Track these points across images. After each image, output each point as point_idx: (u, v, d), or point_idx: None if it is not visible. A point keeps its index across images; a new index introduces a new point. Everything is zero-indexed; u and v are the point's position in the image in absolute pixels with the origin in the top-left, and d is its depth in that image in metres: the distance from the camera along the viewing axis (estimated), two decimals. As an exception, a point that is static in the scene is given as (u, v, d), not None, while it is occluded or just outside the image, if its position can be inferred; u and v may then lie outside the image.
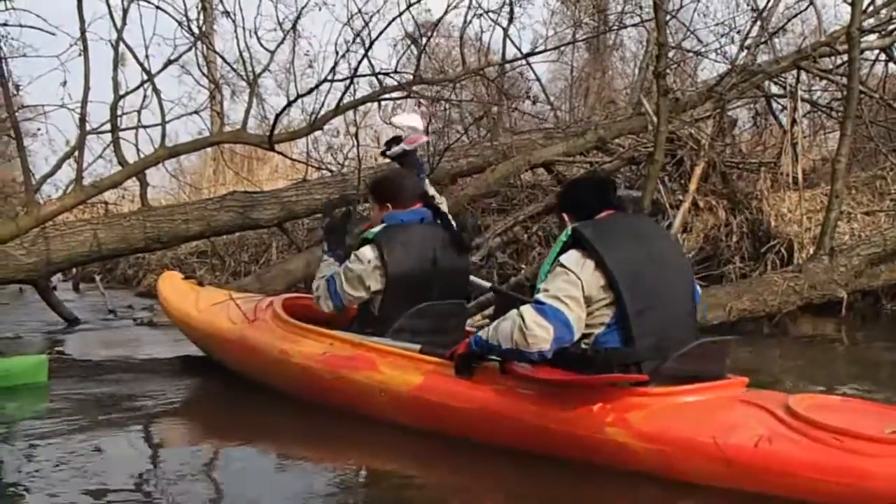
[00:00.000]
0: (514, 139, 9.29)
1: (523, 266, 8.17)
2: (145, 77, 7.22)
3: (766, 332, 6.53)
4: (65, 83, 7.38)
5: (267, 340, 4.38)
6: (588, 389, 3.14)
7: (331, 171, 9.28)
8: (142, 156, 7.21)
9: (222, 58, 9.83)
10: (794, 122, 7.94)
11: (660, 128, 6.72)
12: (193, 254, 11.34)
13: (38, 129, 10.08)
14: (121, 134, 7.00)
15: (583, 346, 3.19)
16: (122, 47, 7.15)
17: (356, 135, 9.17)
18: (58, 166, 7.30)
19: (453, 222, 4.23)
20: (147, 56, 7.37)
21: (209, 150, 12.41)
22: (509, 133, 9.98)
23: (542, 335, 3.08)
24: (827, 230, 6.61)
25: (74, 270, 12.34)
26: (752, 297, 6.52)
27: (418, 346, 3.71)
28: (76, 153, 6.80)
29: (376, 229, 4.02)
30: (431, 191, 4.34)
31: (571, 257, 3.17)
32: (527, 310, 3.14)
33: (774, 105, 9.02)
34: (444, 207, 4.25)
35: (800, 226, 7.35)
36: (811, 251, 6.92)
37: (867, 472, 2.59)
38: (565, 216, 3.47)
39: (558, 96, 14.65)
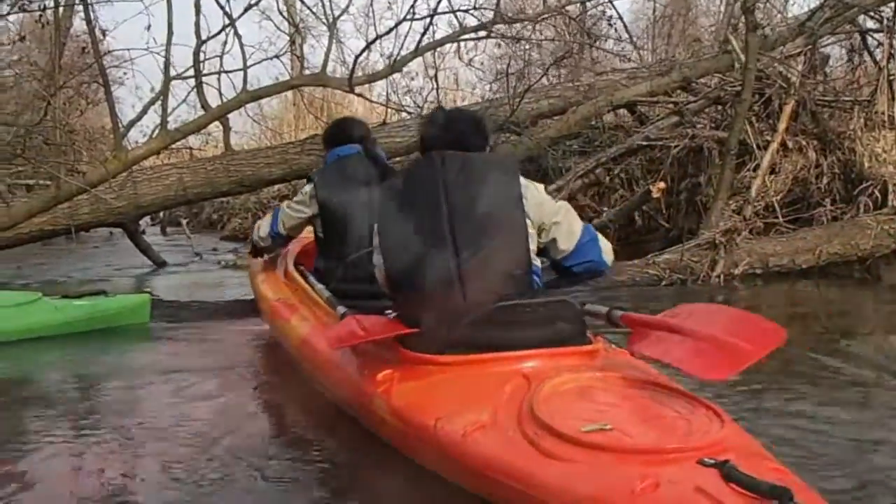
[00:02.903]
0: (595, 79, 9.13)
1: (605, 209, 8.07)
2: (227, 22, 7.26)
3: (857, 277, 6.37)
4: (149, 27, 7.46)
5: (258, 286, 4.51)
6: (378, 352, 2.78)
7: (410, 113, 9.26)
8: (224, 100, 7.29)
9: (302, 0, 9.82)
10: (890, 57, 7.61)
11: (748, 65, 6.52)
12: (276, 197, 11.49)
13: (125, 74, 10.23)
14: (204, 79, 7.08)
15: None
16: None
17: (435, 77, 9.14)
18: (143, 112, 7.42)
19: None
20: (228, 0, 7.40)
21: (289, 95, 12.48)
22: (591, 73, 9.80)
23: None
24: (924, 171, 6.38)
25: (162, 214, 12.70)
26: (843, 241, 6.39)
27: (328, 294, 3.64)
28: (161, 98, 6.90)
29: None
30: None
31: None
32: None
33: (869, 40, 8.64)
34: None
35: (895, 167, 7.08)
36: (907, 193, 6.67)
37: (540, 481, 2.07)
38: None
39: (640, 36, 14.32)
